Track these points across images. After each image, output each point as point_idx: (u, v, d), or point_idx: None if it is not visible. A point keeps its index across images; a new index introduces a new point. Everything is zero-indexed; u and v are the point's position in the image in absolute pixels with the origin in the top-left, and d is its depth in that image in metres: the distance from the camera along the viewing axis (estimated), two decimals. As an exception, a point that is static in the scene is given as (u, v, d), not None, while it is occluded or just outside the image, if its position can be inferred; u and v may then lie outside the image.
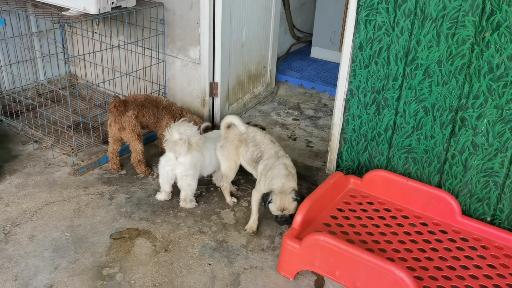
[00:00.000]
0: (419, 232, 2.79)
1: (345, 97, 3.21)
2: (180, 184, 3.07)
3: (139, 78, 4.07)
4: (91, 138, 3.66)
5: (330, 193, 2.95)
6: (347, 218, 2.85)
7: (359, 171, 3.34)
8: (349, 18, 3.02)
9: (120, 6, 3.43)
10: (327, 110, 4.59)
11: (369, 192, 3.10)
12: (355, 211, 2.93)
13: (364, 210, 2.94)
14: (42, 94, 4.27)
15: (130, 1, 3.52)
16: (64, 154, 3.60)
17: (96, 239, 2.82)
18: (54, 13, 3.28)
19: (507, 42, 2.54)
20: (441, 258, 2.60)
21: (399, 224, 2.85)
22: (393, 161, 3.17)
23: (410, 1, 2.74)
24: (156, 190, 3.25)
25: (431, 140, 2.97)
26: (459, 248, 2.69)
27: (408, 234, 2.77)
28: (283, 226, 2.98)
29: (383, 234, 2.75)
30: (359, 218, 2.87)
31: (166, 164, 3.04)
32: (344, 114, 3.26)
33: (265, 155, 2.94)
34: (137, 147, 3.36)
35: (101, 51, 3.77)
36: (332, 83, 4.95)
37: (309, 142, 4.02)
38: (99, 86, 4.25)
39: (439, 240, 2.74)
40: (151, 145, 3.82)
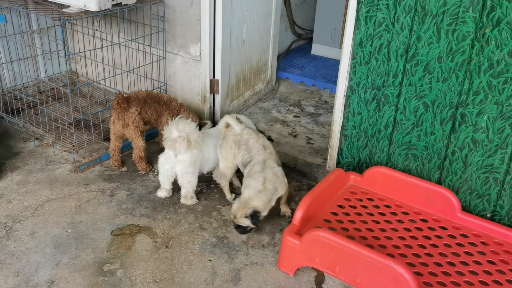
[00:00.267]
0: (419, 228, 2.80)
1: (345, 93, 3.21)
2: (181, 182, 3.07)
3: (140, 75, 4.08)
4: (92, 135, 3.67)
5: (331, 189, 2.96)
6: (347, 215, 2.86)
7: (360, 167, 3.34)
8: (349, 14, 3.02)
9: (121, 3, 3.43)
10: (327, 107, 4.59)
11: (369, 189, 3.10)
12: (355, 207, 2.93)
13: (364, 207, 2.95)
14: (43, 91, 4.27)
15: (131, -2, 3.52)
16: (65, 151, 3.60)
17: (97, 236, 2.83)
18: (54, 10, 3.28)
19: (507, 38, 2.54)
20: (441, 254, 2.61)
21: (399, 221, 2.85)
22: (393, 157, 3.17)
23: (410, -3, 2.74)
24: (156, 187, 3.26)
25: (431, 136, 2.97)
26: (459, 244, 2.70)
27: (408, 230, 2.78)
28: (281, 223, 2.98)
29: (383, 230, 2.76)
30: (359, 215, 2.87)
31: (165, 162, 3.05)
32: (344, 110, 3.26)
33: (253, 160, 2.90)
34: (139, 144, 3.36)
35: (101, 48, 3.78)
36: (333, 80, 4.94)
37: (309, 139, 4.02)
38: (100, 83, 4.26)
39: (439, 236, 2.74)
40: (152, 142, 3.82)
